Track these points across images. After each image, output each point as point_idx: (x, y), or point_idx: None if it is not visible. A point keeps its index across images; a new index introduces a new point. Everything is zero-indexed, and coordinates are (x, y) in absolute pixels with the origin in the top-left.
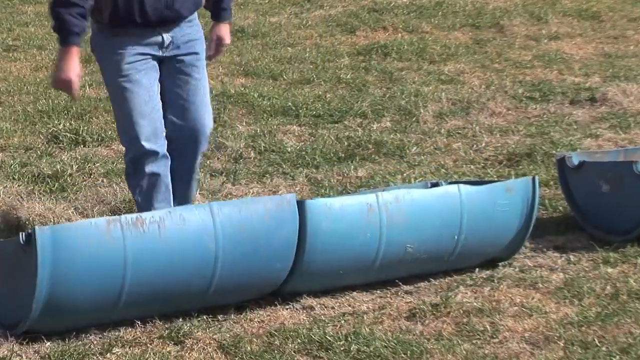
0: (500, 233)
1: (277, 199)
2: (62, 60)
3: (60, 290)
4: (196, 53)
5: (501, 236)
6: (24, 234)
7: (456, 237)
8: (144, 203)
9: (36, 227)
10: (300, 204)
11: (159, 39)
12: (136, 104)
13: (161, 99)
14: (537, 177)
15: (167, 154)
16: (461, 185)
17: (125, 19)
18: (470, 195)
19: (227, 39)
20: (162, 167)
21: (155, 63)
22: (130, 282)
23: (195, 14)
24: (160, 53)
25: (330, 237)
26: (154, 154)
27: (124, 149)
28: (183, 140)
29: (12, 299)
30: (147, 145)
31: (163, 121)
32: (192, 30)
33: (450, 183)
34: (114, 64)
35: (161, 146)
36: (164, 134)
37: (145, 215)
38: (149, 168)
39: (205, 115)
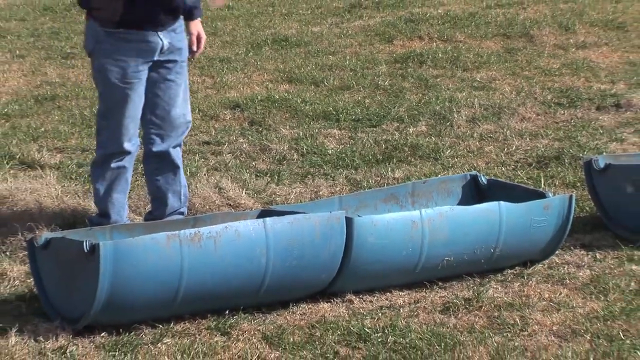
0: (535, 245)
1: (327, 217)
2: None
3: (119, 298)
4: (182, 60)
5: (535, 247)
6: (88, 242)
7: (492, 250)
8: (104, 192)
9: (100, 242)
10: (349, 221)
11: (158, 44)
12: (131, 109)
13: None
14: (573, 195)
15: (133, 151)
16: (502, 203)
17: (139, 13)
18: (510, 213)
19: (203, 34)
20: (128, 162)
21: (147, 71)
22: (185, 292)
23: (181, 21)
24: (156, 57)
25: (374, 251)
26: (127, 153)
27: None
28: (163, 134)
29: (72, 294)
30: (126, 146)
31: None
32: (181, 37)
33: (489, 180)
34: (120, 70)
35: (134, 144)
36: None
37: (204, 230)
38: (118, 163)
39: (185, 111)
